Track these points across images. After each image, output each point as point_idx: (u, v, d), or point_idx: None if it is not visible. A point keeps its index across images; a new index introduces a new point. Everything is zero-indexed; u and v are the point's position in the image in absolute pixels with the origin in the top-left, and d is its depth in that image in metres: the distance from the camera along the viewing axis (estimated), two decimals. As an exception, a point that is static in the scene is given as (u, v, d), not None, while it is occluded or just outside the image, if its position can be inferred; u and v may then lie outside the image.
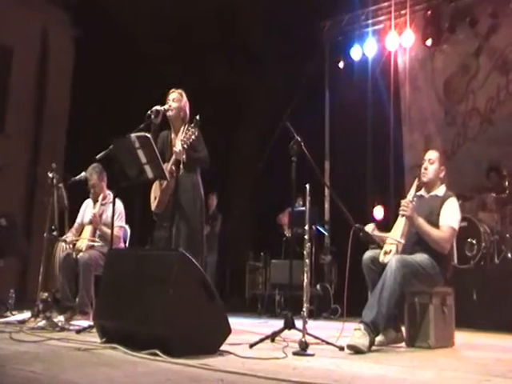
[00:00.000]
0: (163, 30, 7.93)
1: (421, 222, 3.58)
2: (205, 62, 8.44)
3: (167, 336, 2.74)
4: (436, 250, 3.58)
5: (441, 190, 3.82)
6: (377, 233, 3.68)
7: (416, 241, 3.64)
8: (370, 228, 3.67)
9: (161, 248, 4.11)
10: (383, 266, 3.45)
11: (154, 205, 4.35)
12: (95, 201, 5.10)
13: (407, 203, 3.60)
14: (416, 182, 3.81)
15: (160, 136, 4.45)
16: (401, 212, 3.60)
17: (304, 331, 3.06)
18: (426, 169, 3.80)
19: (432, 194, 3.81)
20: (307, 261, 3.35)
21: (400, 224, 3.61)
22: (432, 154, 3.84)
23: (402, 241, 3.54)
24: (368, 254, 3.65)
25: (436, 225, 3.63)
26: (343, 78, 8.78)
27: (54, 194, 4.65)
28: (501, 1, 7.45)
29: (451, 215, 3.68)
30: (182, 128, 4.32)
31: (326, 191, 8.55)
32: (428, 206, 3.72)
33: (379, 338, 3.43)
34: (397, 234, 3.59)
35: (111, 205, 4.28)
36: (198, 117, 4.04)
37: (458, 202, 3.80)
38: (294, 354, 2.94)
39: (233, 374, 2.28)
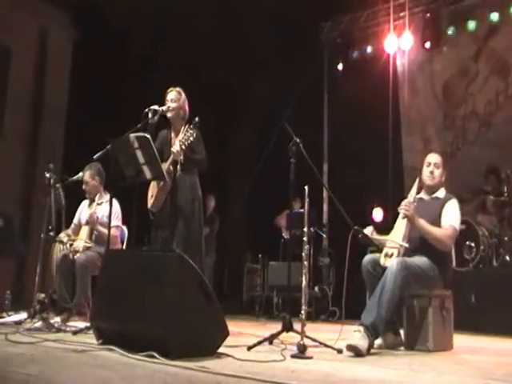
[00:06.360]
0: (162, 31, 7.92)
1: (422, 222, 3.56)
2: (203, 63, 8.43)
3: (164, 338, 2.72)
4: (437, 250, 3.57)
5: (441, 193, 3.83)
6: (376, 236, 3.67)
7: (416, 243, 3.62)
8: (368, 231, 3.65)
9: (158, 249, 4.09)
10: (383, 269, 3.43)
11: (150, 202, 4.34)
12: (92, 201, 5.07)
13: (409, 203, 3.59)
14: (417, 183, 3.80)
15: (159, 135, 4.44)
16: (402, 212, 3.58)
17: (302, 334, 3.04)
18: (431, 172, 3.81)
19: (433, 196, 3.82)
20: (306, 263, 3.33)
21: (401, 226, 3.59)
22: (437, 159, 3.85)
23: (406, 244, 3.52)
24: (368, 257, 3.63)
25: (438, 226, 3.62)
26: (342, 80, 8.78)
27: (52, 194, 4.62)
28: (500, 4, 7.46)
29: (453, 216, 3.69)
30: (183, 128, 4.30)
31: (325, 193, 8.53)
32: (429, 209, 3.71)
33: (378, 342, 3.41)
34: (398, 236, 3.56)
35: (107, 204, 4.25)
36: (197, 118, 4.04)
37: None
38: (293, 356, 2.92)
39: (230, 376, 2.26)
